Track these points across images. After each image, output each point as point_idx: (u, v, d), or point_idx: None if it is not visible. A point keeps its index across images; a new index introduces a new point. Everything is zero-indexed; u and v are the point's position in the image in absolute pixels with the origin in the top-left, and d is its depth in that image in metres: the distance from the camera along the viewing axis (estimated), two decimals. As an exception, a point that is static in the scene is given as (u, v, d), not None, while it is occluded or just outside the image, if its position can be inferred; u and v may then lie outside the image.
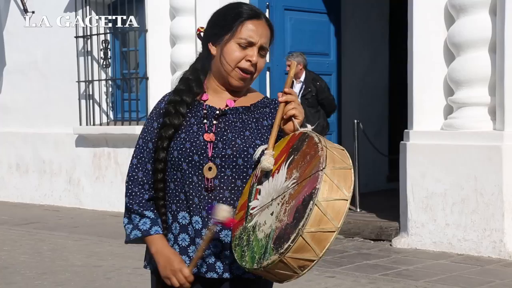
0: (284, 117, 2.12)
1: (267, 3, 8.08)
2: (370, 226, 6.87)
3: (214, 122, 2.21)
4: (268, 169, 2.05)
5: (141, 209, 2.22)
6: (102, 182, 9.15)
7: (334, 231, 1.88)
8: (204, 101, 2.25)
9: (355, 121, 7.87)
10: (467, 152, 6.02)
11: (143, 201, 2.23)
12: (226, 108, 2.23)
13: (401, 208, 6.50)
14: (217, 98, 2.25)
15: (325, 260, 5.96)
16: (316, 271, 5.56)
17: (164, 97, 2.30)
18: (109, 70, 9.19)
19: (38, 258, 6.34)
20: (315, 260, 1.90)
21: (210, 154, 2.17)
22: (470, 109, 6.13)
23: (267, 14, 8.07)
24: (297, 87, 7.66)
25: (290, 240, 1.84)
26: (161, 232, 2.21)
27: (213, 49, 2.22)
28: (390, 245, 6.49)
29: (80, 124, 9.23)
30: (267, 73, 8.15)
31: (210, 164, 2.16)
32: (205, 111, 2.22)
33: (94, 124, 9.14)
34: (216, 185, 2.16)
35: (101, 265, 5.99)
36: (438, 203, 6.18)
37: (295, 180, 1.96)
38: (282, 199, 1.96)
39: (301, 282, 5.22)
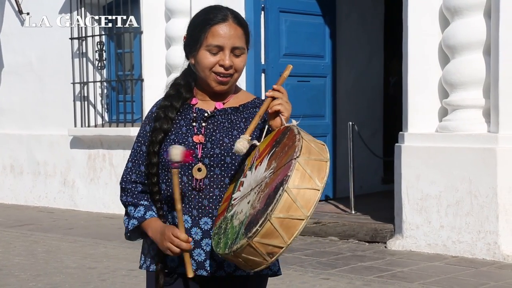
0: (269, 111, 2.17)
1: (262, 5, 8.08)
2: (365, 228, 6.88)
3: (203, 124, 2.27)
4: (240, 151, 2.12)
5: (135, 199, 2.31)
6: (96, 184, 9.14)
7: (303, 219, 1.89)
8: (194, 105, 2.31)
9: (350, 123, 7.87)
10: (461, 154, 6.03)
11: (136, 192, 2.32)
12: (215, 109, 2.29)
13: (396, 210, 6.51)
14: (206, 102, 2.31)
15: (320, 262, 5.97)
16: (310, 273, 5.56)
17: (157, 102, 2.37)
18: (104, 71, 9.18)
19: (33, 260, 6.33)
20: (283, 247, 1.92)
21: (200, 155, 2.23)
22: (465, 112, 6.15)
23: (262, 16, 8.08)
24: None
25: (258, 224, 1.88)
26: (155, 215, 2.27)
27: (192, 60, 2.29)
28: (385, 247, 6.50)
29: (75, 126, 9.22)
30: (262, 75, 8.15)
31: (200, 165, 2.22)
32: (194, 114, 2.29)
33: (89, 126, 9.13)
34: (206, 184, 2.22)
35: (95, 267, 5.98)
36: (433, 205, 6.19)
37: (272, 170, 2.01)
38: (259, 188, 2.02)
39: (296, 284, 5.23)
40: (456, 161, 6.05)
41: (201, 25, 2.23)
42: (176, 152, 2.12)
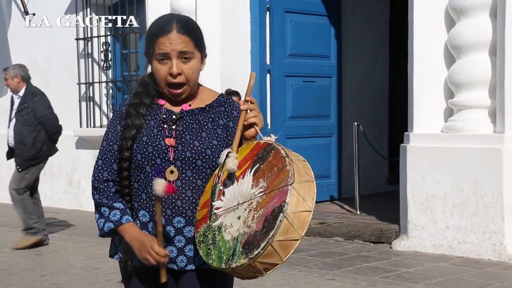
0: (245, 123, 2.29)
1: (268, 6, 8.08)
2: (370, 229, 6.87)
3: (173, 127, 2.35)
4: (232, 171, 2.23)
5: (110, 201, 2.37)
6: (102, 184, 9.14)
7: (298, 239, 2.08)
8: (162, 105, 2.39)
9: (355, 123, 7.87)
10: (467, 155, 6.02)
11: (111, 194, 2.38)
12: (182, 111, 2.38)
13: (401, 211, 6.50)
14: (172, 102, 2.40)
15: (325, 262, 5.96)
16: (316, 274, 5.56)
17: (124, 100, 2.45)
18: (110, 72, 9.19)
19: (38, 260, 6.34)
20: (279, 264, 2.11)
21: (171, 158, 2.31)
22: (470, 112, 6.13)
23: (267, 17, 8.07)
24: (16, 102, 7.15)
25: (260, 248, 2.05)
26: (132, 220, 2.36)
27: (152, 69, 2.38)
28: (390, 247, 6.49)
29: (81, 126, 9.24)
30: (267, 75, 8.15)
31: (172, 167, 2.32)
32: (164, 116, 2.37)
33: (94, 126, 9.14)
34: (179, 186, 2.31)
35: (101, 267, 5.99)
36: (438, 205, 6.18)
37: (262, 190, 2.14)
38: (249, 205, 2.15)
39: (301, 284, 5.22)
40: (462, 162, 6.04)
41: (149, 38, 2.34)
42: (159, 188, 2.21)
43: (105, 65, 9.07)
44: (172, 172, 2.31)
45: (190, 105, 2.38)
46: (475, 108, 6.13)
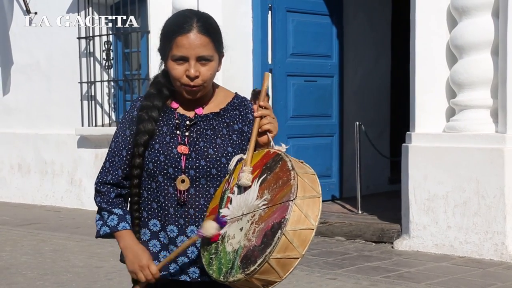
0: (260, 131, 2.20)
1: (270, 5, 8.08)
2: (372, 228, 6.87)
3: (186, 133, 2.26)
4: (246, 185, 2.13)
5: (109, 207, 2.30)
6: (103, 183, 9.14)
7: (298, 258, 1.98)
8: (175, 109, 2.30)
9: (357, 123, 7.87)
10: (469, 155, 6.02)
11: (110, 199, 2.30)
12: (196, 116, 2.28)
13: (403, 210, 6.50)
14: (186, 105, 2.31)
15: (327, 262, 5.96)
16: (317, 273, 5.56)
17: (135, 103, 2.35)
18: (111, 71, 9.19)
19: (40, 258, 6.35)
20: (278, 281, 2.02)
21: (183, 166, 2.22)
22: (472, 112, 6.13)
23: (269, 16, 8.07)
24: None
25: (257, 264, 1.97)
26: (129, 228, 2.29)
27: (165, 67, 2.29)
28: (392, 247, 6.48)
29: (82, 125, 9.24)
30: (270, 75, 8.14)
31: (183, 176, 2.22)
32: (177, 121, 2.28)
33: (96, 125, 9.15)
34: (192, 194, 2.23)
35: (102, 266, 5.99)
36: (440, 205, 6.17)
37: (265, 202, 2.05)
38: (252, 217, 2.07)
39: (302, 284, 5.22)
40: (464, 161, 6.03)
41: (167, 36, 2.24)
42: (211, 231, 2.12)
43: (107, 64, 9.07)
44: (183, 181, 2.22)
45: (203, 108, 2.30)
46: (477, 108, 6.13)
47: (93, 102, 9.19)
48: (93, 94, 9.17)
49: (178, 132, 2.26)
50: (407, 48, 6.62)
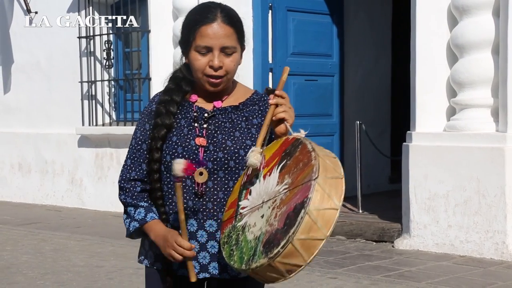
0: (274, 119, 2.16)
1: (270, 4, 8.08)
2: (372, 228, 6.87)
3: (205, 126, 2.24)
4: (254, 166, 2.11)
5: (135, 201, 2.28)
6: (104, 183, 9.16)
7: (323, 239, 1.92)
8: (194, 102, 2.28)
9: (358, 122, 7.86)
10: (469, 154, 6.01)
11: (136, 193, 2.29)
12: (214, 109, 2.27)
13: (404, 210, 6.50)
14: (205, 98, 2.29)
15: (327, 261, 5.96)
16: (318, 273, 5.56)
17: (154, 97, 2.34)
18: (112, 70, 9.19)
19: (40, 258, 6.35)
20: (302, 265, 1.95)
21: (201, 159, 2.20)
22: (473, 111, 6.13)
23: (269, 15, 8.07)
24: None
25: (280, 246, 1.90)
26: (157, 217, 2.25)
27: (186, 60, 2.27)
28: (392, 246, 6.48)
29: (83, 125, 9.24)
30: (270, 74, 8.15)
31: (201, 169, 2.20)
32: (195, 114, 2.26)
33: (96, 125, 9.15)
34: (210, 187, 2.20)
35: (103, 265, 5.99)
36: (441, 204, 6.17)
37: (286, 186, 2.01)
38: (273, 203, 2.02)
39: (303, 283, 5.22)
40: (464, 161, 6.03)
41: (190, 26, 2.21)
42: (178, 167, 2.09)
43: (107, 63, 9.07)
44: (201, 173, 2.19)
45: (222, 101, 2.28)
46: (478, 107, 6.13)
47: (93, 101, 9.19)
48: (93, 93, 9.17)
49: (196, 124, 2.24)
50: (408, 47, 6.62)
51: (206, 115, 2.25)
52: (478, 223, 5.97)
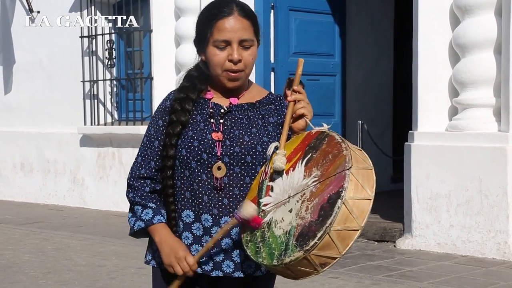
0: (294, 116, 2.15)
1: (272, 4, 8.08)
2: (374, 227, 6.87)
3: (221, 120, 2.22)
4: (280, 169, 2.08)
5: (143, 201, 2.25)
6: (106, 182, 9.17)
7: (358, 230, 1.91)
8: (209, 99, 2.27)
9: (359, 122, 7.86)
10: (471, 154, 6.01)
11: (144, 193, 2.25)
12: (231, 105, 2.25)
13: (405, 209, 6.49)
14: (221, 96, 2.27)
15: (329, 261, 5.96)
16: (320, 272, 5.55)
17: (168, 95, 2.32)
18: (114, 70, 9.20)
19: (42, 257, 6.35)
20: (337, 257, 1.93)
21: (219, 154, 2.18)
22: (475, 111, 6.12)
23: (271, 15, 8.07)
24: None
25: (317, 238, 1.88)
26: (164, 221, 2.23)
27: (202, 56, 2.26)
28: (394, 246, 6.48)
29: (85, 124, 9.25)
30: (272, 73, 8.15)
31: (219, 163, 2.18)
32: (211, 110, 2.24)
33: (98, 124, 9.15)
34: (226, 183, 2.18)
35: (104, 264, 6.00)
36: (443, 204, 6.17)
37: (316, 178, 1.99)
38: (301, 196, 1.99)
39: (304, 283, 5.22)
40: (466, 160, 6.03)
41: (207, 21, 2.20)
42: (250, 211, 2.05)
43: (109, 63, 9.07)
44: (219, 168, 2.17)
45: (238, 98, 2.26)
46: (480, 107, 6.12)
47: (95, 101, 9.20)
48: (95, 93, 9.18)
49: (212, 120, 2.23)
50: (410, 46, 6.61)
51: (222, 111, 2.24)
52: (480, 223, 5.97)
